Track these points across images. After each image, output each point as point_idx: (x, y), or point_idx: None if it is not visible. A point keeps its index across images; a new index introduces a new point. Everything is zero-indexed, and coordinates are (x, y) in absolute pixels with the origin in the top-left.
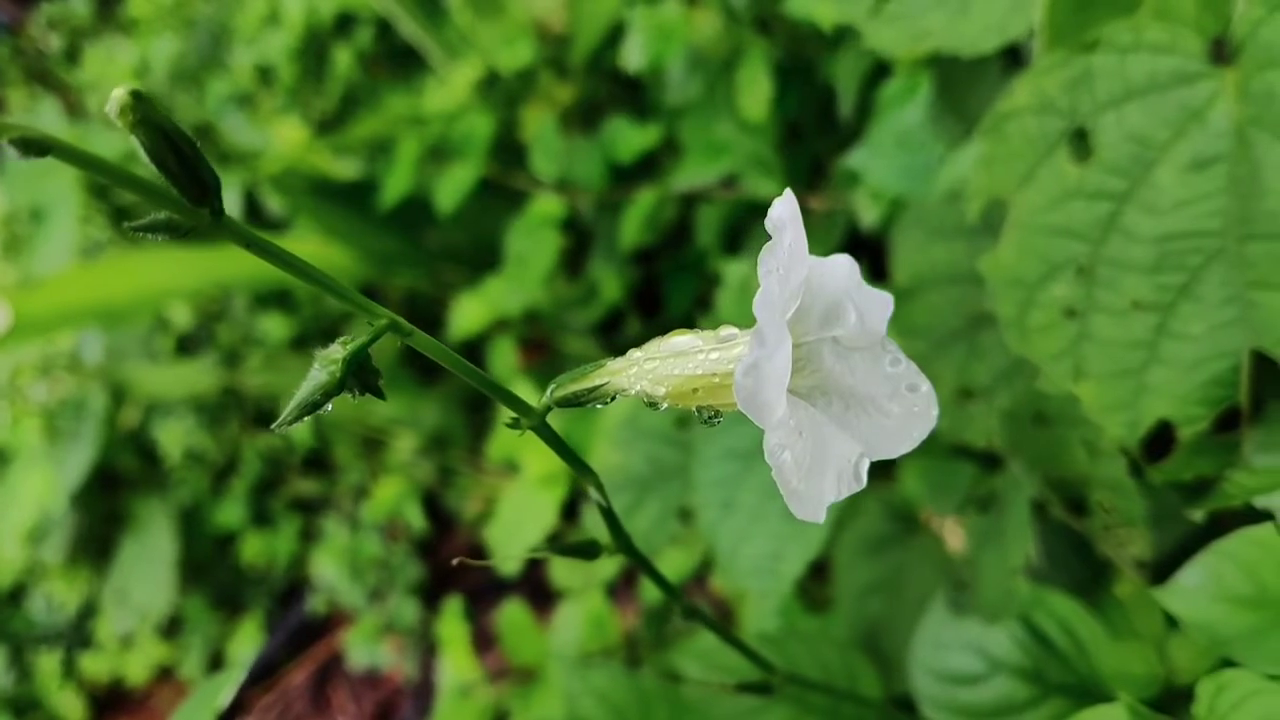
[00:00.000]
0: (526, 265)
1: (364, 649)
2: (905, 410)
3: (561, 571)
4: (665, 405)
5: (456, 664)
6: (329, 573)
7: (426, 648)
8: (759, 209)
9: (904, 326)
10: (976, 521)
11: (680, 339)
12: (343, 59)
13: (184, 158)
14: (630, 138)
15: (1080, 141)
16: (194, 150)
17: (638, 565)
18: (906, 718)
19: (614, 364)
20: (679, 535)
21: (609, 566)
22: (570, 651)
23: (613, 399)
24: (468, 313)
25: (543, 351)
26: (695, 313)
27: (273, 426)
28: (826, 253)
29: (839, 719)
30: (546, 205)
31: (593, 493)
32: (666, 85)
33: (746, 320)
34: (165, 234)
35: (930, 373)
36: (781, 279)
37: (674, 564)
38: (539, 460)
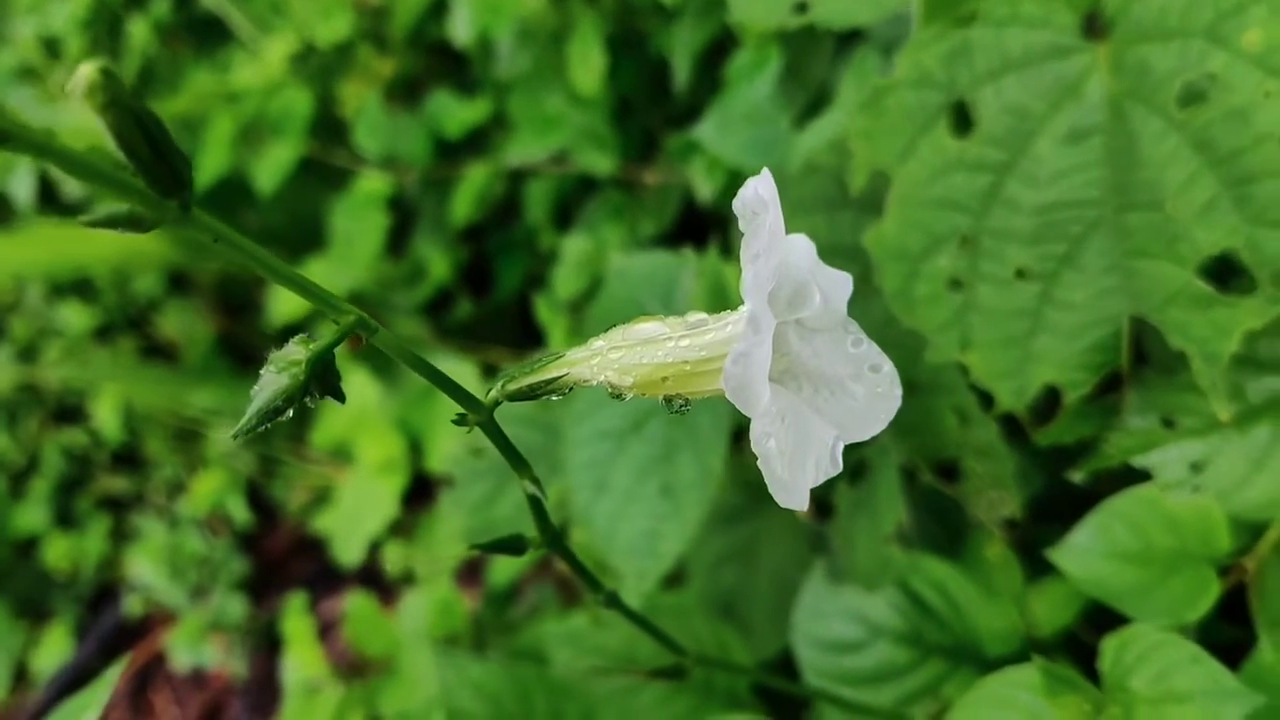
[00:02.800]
0: (352, 245)
1: (188, 649)
2: (869, 391)
3: (397, 559)
4: (631, 395)
5: (301, 660)
6: (146, 572)
7: (256, 644)
8: (590, 184)
9: None
10: (846, 491)
11: (646, 326)
12: (138, 30)
13: (157, 146)
14: (457, 113)
15: (960, 114)
16: (167, 137)
17: (561, 557)
18: (776, 680)
19: (574, 353)
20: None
21: (456, 552)
22: (419, 639)
23: (570, 390)
24: (288, 297)
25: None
26: (528, 290)
27: (231, 435)
28: (664, 227)
29: (712, 689)
30: (372, 183)
31: (528, 486)
32: (494, 58)
33: (598, 300)
34: (127, 228)
35: None
36: (764, 262)
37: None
38: (376, 447)
